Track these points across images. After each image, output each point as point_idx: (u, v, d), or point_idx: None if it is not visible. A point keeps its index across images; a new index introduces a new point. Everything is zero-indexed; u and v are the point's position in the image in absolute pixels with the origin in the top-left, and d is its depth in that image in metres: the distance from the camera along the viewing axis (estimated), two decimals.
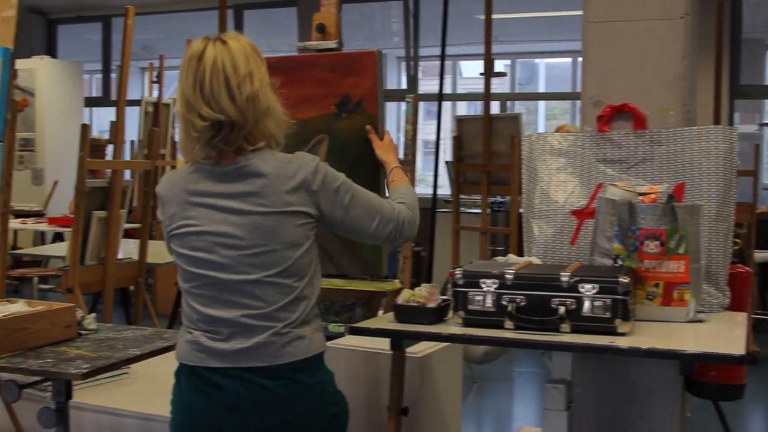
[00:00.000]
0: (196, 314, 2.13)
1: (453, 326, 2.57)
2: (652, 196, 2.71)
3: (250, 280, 2.09)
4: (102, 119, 12.58)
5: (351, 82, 2.93)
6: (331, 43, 3.10)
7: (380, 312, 3.08)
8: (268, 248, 2.10)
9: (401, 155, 2.97)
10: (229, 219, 2.10)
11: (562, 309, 2.43)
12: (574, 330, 2.43)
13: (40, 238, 9.47)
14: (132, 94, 4.96)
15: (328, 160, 2.29)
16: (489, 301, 2.51)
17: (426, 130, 10.86)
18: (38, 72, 10.57)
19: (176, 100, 2.16)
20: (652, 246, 2.63)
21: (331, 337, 2.96)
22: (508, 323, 2.48)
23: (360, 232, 2.26)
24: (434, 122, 6.25)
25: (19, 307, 3.05)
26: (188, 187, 2.14)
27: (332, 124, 2.96)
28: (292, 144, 2.28)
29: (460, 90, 11.66)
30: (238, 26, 10.81)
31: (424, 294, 2.61)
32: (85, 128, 4.74)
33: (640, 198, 2.71)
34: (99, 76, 12.71)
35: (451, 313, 2.60)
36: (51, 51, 12.30)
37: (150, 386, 3.91)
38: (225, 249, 2.09)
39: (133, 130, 8.80)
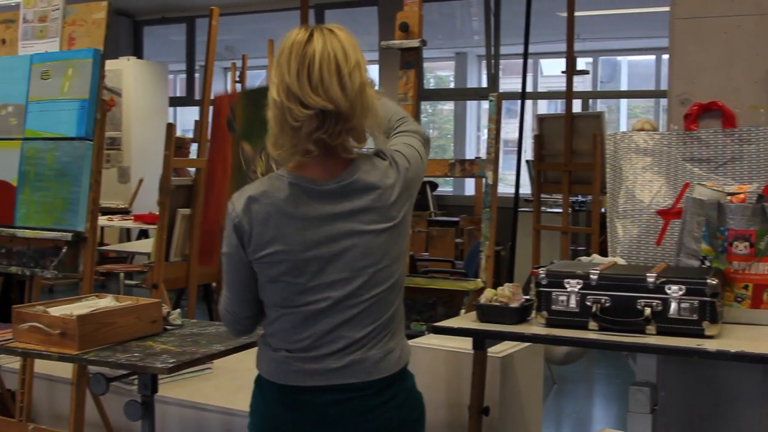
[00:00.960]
0: (289, 334, 2.06)
1: (536, 326, 2.54)
2: (741, 196, 2.65)
3: (358, 302, 2.03)
4: (186, 118, 12.82)
5: None
6: (414, 42, 3.10)
7: (462, 311, 3.07)
8: (380, 266, 2.03)
9: (483, 154, 2.95)
10: (340, 242, 2.01)
11: (647, 310, 2.39)
12: (660, 332, 2.38)
13: (125, 235, 9.68)
14: (214, 93, 5.07)
15: None
16: (573, 302, 2.48)
17: (505, 129, 10.80)
18: (125, 72, 10.79)
19: (271, 90, 2.03)
20: (741, 247, 2.57)
21: (411, 335, 2.96)
22: (592, 324, 2.45)
23: None
24: (513, 121, 6.23)
25: (107, 302, 3.13)
26: (290, 210, 2.01)
27: None
28: None
29: (540, 89, 11.56)
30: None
31: (507, 293, 2.59)
32: (171, 127, 4.84)
33: (729, 198, 2.65)
34: (183, 76, 12.94)
35: (534, 313, 2.58)
36: (137, 52, 12.56)
37: (232, 381, 3.97)
38: (334, 273, 2.01)
39: None
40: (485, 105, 11.83)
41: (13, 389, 4.07)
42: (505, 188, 8.27)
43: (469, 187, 10.57)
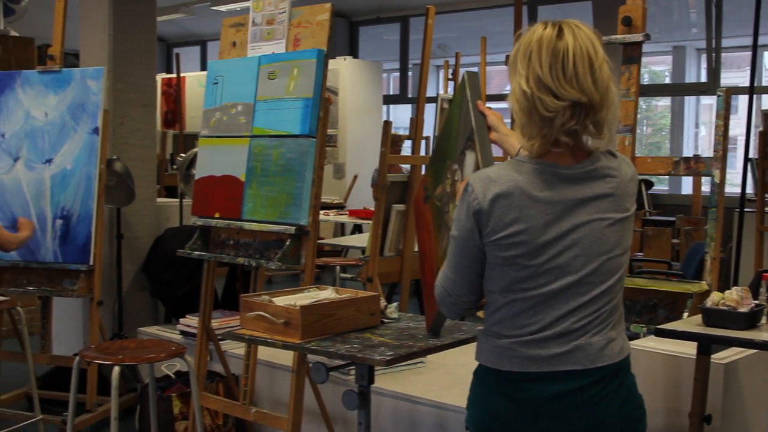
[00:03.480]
0: (518, 319, 2.06)
1: (766, 333, 2.41)
2: None
3: (588, 289, 2.04)
4: (398, 116, 13.04)
5: None
6: (638, 36, 3.01)
7: (685, 314, 2.96)
8: (613, 255, 2.05)
9: (702, 151, 2.82)
10: (579, 227, 2.03)
11: None
12: None
13: (339, 229, 9.98)
14: (428, 91, 5.13)
15: None
16: None
17: None
18: (341, 72, 11.11)
19: (515, 82, 2.08)
20: None
21: (630, 337, 2.87)
22: None
23: None
24: (732, 117, 5.90)
25: (328, 294, 3.23)
26: (532, 193, 2.03)
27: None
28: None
29: (765, 82, 10.95)
30: (533, 22, 10.78)
31: (735, 297, 2.48)
32: (387, 125, 4.94)
33: None
34: (396, 74, 13.17)
35: (764, 319, 2.45)
36: (353, 51, 12.90)
37: (445, 376, 4.00)
38: (569, 258, 2.02)
39: (428, 127, 9.04)
40: (705, 100, 11.35)
41: (237, 374, 4.29)
42: (727, 187, 7.90)
43: (686, 185, 10.17)
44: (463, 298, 2.16)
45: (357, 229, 8.94)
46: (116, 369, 3.32)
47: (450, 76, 9.04)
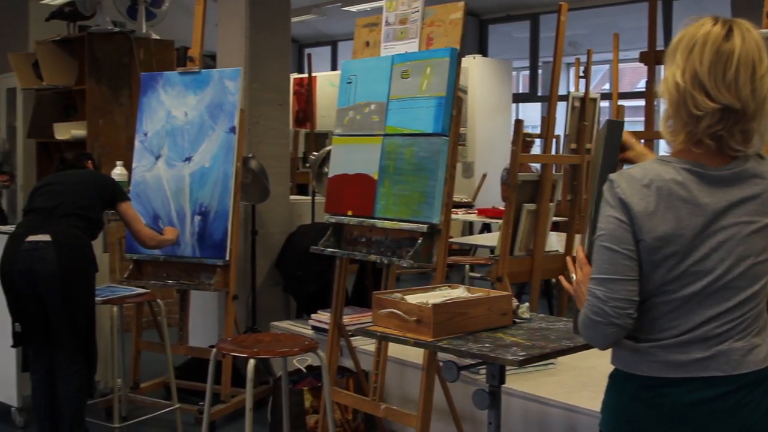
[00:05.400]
0: (659, 323, 2.01)
1: None
2: None
3: (733, 293, 1.98)
4: (527, 114, 12.93)
5: None
6: None
7: None
8: (759, 259, 1.99)
9: None
10: (726, 229, 1.98)
11: None
12: None
13: (467, 228, 9.96)
14: (559, 89, 5.06)
15: None
16: None
17: None
18: (470, 70, 11.08)
19: (669, 71, 2.02)
20: None
21: None
22: None
23: None
24: None
25: (460, 292, 3.23)
26: (680, 194, 1.97)
27: None
28: None
29: None
30: (667, 18, 10.52)
31: None
32: (519, 123, 4.90)
33: None
34: (526, 72, 13.06)
35: None
36: (482, 50, 12.86)
37: (575, 378, 3.95)
38: (716, 260, 1.97)
39: (560, 125, 8.93)
40: None
41: (367, 370, 4.34)
42: None
43: None
44: (624, 311, 1.99)
45: (485, 228, 8.91)
46: (251, 362, 3.40)
47: (581, 74, 8.90)
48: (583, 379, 3.91)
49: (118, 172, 5.52)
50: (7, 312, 4.15)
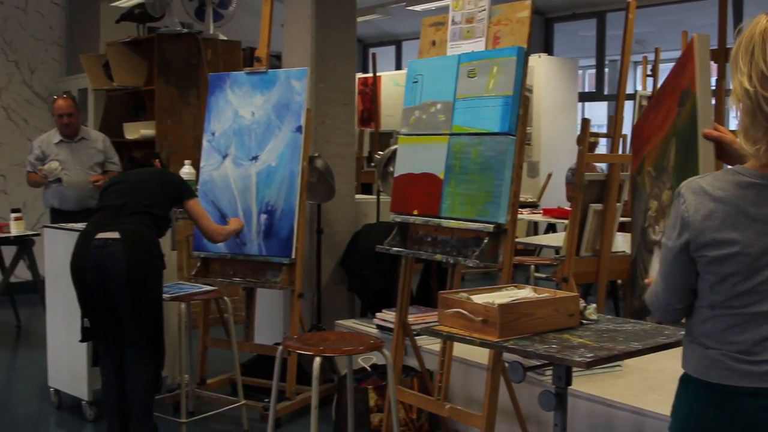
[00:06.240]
0: (725, 335, 1.98)
1: None
2: None
3: None
4: (593, 113, 12.79)
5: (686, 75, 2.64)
6: None
7: None
8: None
9: None
10: None
11: None
12: None
13: (532, 228, 9.90)
14: (626, 88, 5.01)
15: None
16: None
17: None
18: (536, 69, 10.99)
19: (737, 80, 1.95)
20: None
21: None
22: None
23: None
24: None
25: (526, 292, 3.21)
26: (749, 210, 1.91)
27: (676, 126, 2.69)
28: None
29: None
30: (737, 14, 10.32)
31: None
32: (586, 123, 4.85)
33: None
34: (592, 71, 12.92)
35: None
36: (548, 48, 12.76)
37: (642, 381, 3.90)
38: None
39: (627, 125, 8.82)
40: None
41: (431, 369, 4.33)
42: None
43: None
44: (674, 306, 2.09)
45: (551, 228, 8.85)
46: (317, 360, 3.43)
47: (649, 72, 8.79)
48: (649, 382, 3.86)
49: (186, 170, 5.60)
50: (78, 308, 4.24)
